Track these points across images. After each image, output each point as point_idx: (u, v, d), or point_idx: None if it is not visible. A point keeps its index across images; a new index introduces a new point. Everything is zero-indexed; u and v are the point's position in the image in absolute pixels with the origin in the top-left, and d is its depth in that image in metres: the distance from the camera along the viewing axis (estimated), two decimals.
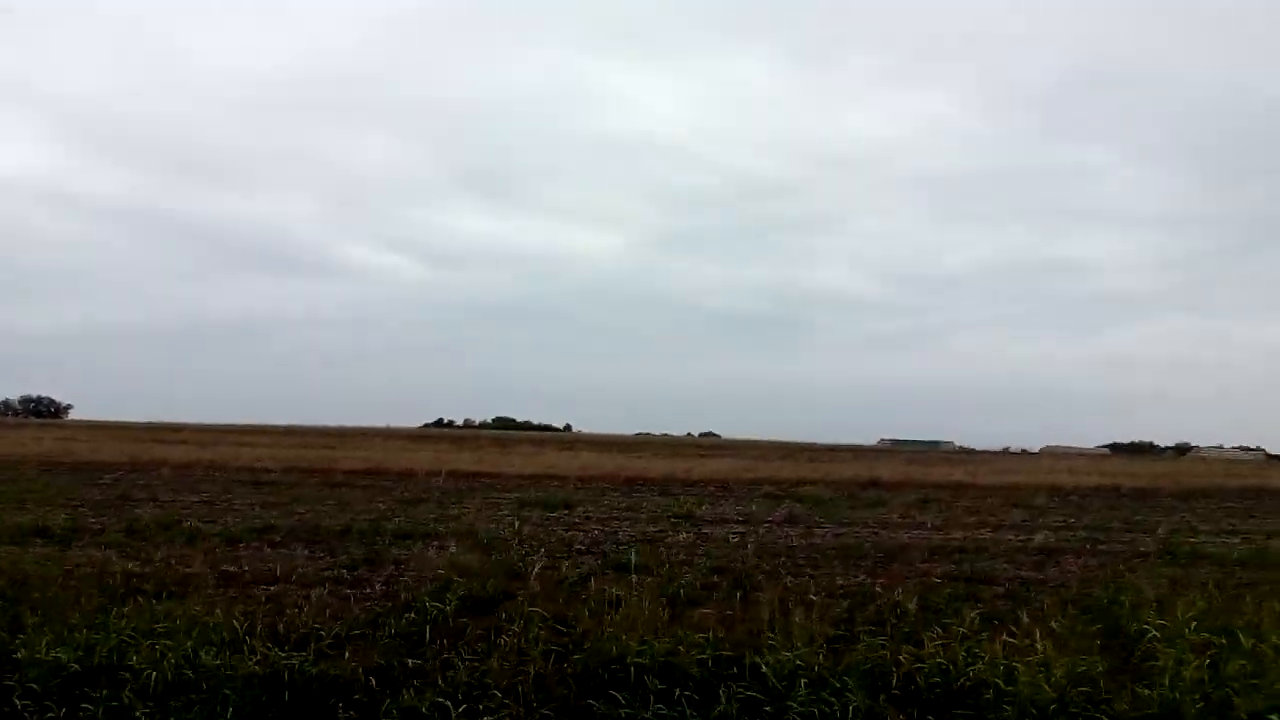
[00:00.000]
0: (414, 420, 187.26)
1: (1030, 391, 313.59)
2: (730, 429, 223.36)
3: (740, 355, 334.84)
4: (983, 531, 18.30)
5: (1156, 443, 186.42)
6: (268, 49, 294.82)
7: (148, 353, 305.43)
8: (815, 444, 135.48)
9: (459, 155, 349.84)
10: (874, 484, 33.18)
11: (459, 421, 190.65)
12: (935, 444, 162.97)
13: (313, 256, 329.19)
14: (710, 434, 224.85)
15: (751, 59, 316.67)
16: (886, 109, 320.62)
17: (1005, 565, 13.40)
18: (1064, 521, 21.18)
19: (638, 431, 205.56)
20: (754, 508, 22.02)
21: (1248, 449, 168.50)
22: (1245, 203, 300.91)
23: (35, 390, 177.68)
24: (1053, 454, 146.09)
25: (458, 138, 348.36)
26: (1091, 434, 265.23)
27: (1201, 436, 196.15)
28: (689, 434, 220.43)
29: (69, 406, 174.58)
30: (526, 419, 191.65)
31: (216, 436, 59.28)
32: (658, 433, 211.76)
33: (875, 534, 17.12)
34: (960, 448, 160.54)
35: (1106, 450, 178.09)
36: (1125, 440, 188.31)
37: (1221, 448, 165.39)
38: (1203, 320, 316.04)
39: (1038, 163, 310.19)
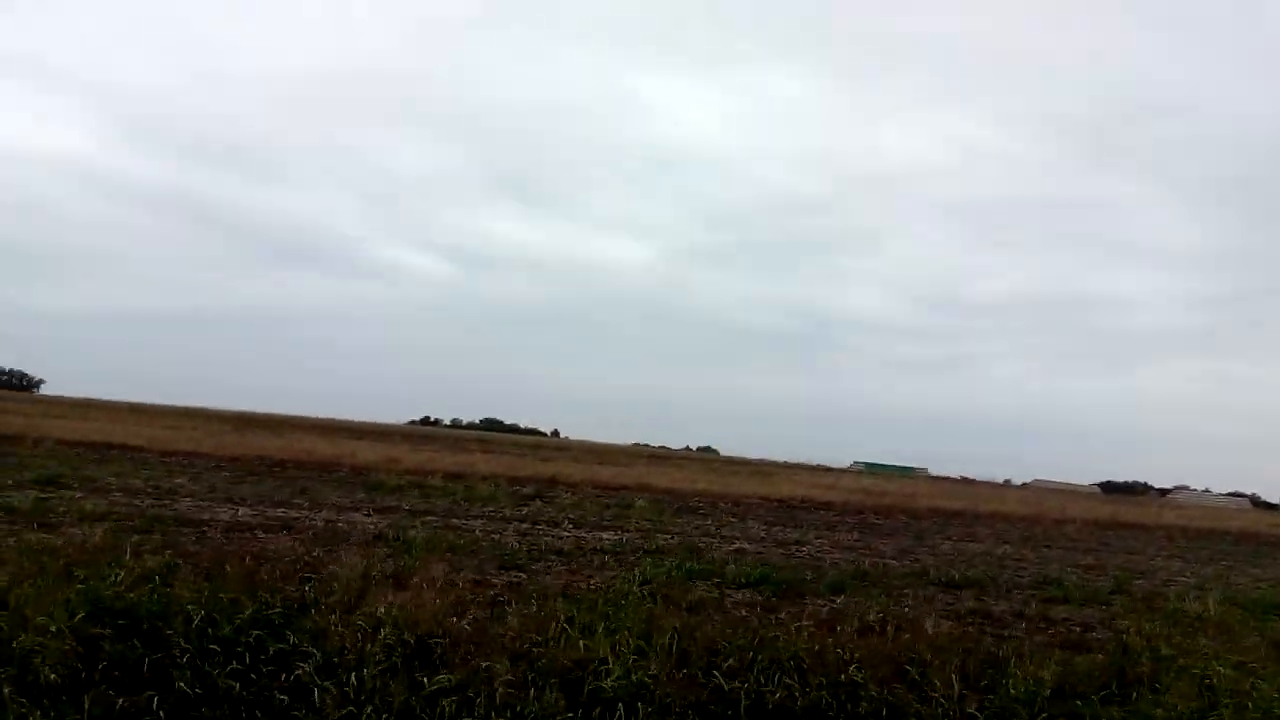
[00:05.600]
0: (406, 417, 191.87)
1: (1042, 425, 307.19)
2: (731, 445, 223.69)
3: (755, 371, 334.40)
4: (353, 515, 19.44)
5: (1151, 483, 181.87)
6: (311, 48, 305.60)
7: (161, 337, 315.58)
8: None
9: (497, 159, 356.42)
10: (548, 481, 34.78)
11: (447, 420, 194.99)
12: (909, 470, 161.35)
13: (346, 254, 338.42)
14: (707, 449, 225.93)
15: (793, 74, 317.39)
16: (925, 130, 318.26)
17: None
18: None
19: (634, 442, 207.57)
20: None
21: (1240, 495, 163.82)
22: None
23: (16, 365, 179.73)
24: (1041, 488, 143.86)
25: (496, 141, 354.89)
26: (1091, 471, 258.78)
27: (1206, 480, 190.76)
28: (687, 447, 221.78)
29: (41, 381, 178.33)
30: (516, 422, 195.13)
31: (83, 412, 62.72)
32: (655, 444, 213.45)
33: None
34: (935, 475, 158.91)
35: (1097, 488, 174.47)
36: (1120, 479, 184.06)
37: (1208, 491, 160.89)
38: (1227, 362, 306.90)
39: (1075, 193, 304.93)
